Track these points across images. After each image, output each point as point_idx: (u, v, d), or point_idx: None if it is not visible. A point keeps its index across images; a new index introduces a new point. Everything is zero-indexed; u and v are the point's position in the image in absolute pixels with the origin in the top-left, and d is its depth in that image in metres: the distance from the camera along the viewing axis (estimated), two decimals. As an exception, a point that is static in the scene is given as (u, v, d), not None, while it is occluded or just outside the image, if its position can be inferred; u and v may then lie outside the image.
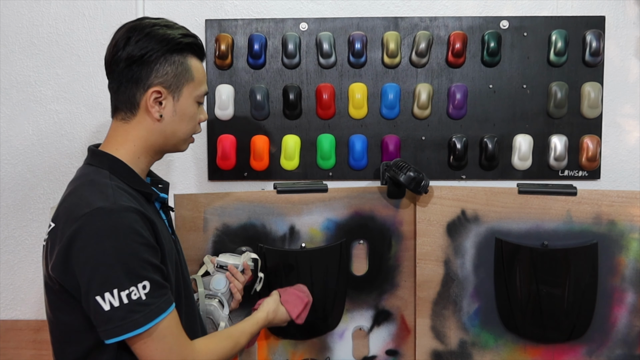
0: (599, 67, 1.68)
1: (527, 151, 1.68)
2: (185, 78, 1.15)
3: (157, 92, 1.13)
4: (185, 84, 1.16)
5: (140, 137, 1.15)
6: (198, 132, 1.23)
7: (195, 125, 1.21)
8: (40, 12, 1.69)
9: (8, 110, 1.71)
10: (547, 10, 1.69)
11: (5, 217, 1.73)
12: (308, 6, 1.70)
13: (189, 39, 1.16)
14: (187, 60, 1.16)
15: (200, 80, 1.19)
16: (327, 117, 1.70)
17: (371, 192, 1.62)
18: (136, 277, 1.02)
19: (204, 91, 1.20)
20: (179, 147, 1.22)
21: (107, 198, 1.05)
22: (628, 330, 1.57)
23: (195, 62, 1.18)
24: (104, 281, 1.00)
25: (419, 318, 1.62)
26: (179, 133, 1.18)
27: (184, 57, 1.15)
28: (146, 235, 1.05)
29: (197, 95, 1.18)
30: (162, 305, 1.04)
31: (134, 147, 1.16)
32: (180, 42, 1.14)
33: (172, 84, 1.14)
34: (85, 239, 1.01)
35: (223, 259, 1.43)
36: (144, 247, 1.04)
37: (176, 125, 1.17)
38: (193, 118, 1.19)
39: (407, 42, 1.69)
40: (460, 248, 1.60)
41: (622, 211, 1.56)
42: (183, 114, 1.17)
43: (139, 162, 1.16)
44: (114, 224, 1.02)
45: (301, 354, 1.63)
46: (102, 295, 1.00)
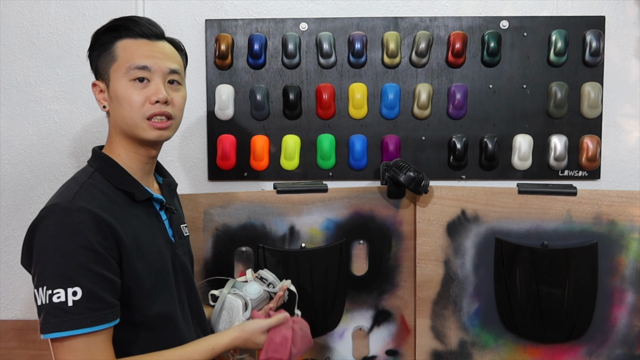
0: (599, 67, 1.68)
1: (527, 151, 1.68)
2: (109, 61, 1.13)
3: (94, 85, 1.17)
4: (110, 67, 1.13)
5: (111, 132, 1.18)
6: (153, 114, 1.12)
7: (137, 106, 1.12)
8: (40, 12, 1.69)
9: (8, 110, 1.71)
10: (547, 10, 1.69)
11: (5, 217, 1.73)
12: (308, 6, 1.70)
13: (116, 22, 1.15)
14: (114, 45, 1.14)
15: (127, 57, 1.12)
16: (327, 117, 1.70)
17: (371, 192, 1.62)
18: (66, 280, 0.99)
19: (133, 65, 1.11)
20: (138, 134, 1.13)
21: (66, 196, 1.05)
22: (628, 330, 1.57)
23: (124, 42, 1.14)
24: (39, 276, 1.01)
25: (419, 318, 1.62)
26: (124, 118, 1.13)
27: (111, 43, 1.14)
28: (93, 239, 1.01)
29: (124, 73, 1.12)
30: (86, 320, 0.99)
31: (113, 144, 1.17)
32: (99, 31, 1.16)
33: (102, 72, 1.15)
34: (38, 233, 1.03)
35: (266, 273, 1.44)
36: (86, 252, 1.00)
37: (117, 111, 1.13)
38: (128, 99, 1.11)
39: (407, 42, 1.69)
40: (460, 248, 1.60)
41: (622, 211, 1.56)
42: (117, 98, 1.12)
43: (122, 158, 1.16)
44: (61, 223, 1.01)
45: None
46: (37, 289, 1.01)
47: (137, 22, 1.15)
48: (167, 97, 1.13)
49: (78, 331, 0.99)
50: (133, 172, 1.16)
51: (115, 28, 1.15)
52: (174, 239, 1.21)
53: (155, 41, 1.16)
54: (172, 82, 1.16)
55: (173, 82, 1.16)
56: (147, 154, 1.18)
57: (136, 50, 1.13)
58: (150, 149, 1.18)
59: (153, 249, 1.12)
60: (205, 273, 1.58)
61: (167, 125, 1.15)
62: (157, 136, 1.14)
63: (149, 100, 1.12)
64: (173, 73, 1.16)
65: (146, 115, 1.12)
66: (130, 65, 1.11)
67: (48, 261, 1.00)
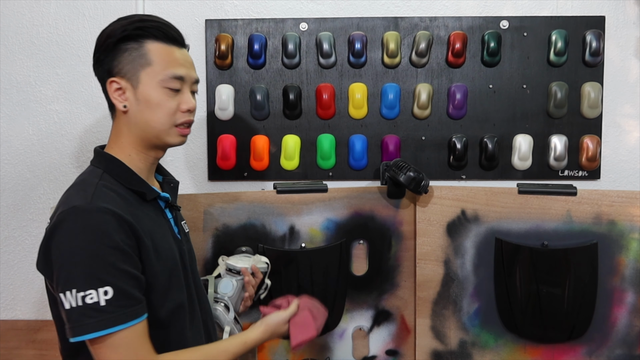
0: (599, 67, 1.68)
1: (527, 151, 1.68)
2: (141, 63, 1.11)
3: (113, 82, 1.12)
4: (141, 70, 1.11)
5: (123, 133, 1.15)
6: (183, 122, 1.15)
7: (169, 113, 1.13)
8: (40, 12, 1.69)
9: (8, 110, 1.71)
10: (547, 10, 1.69)
11: (5, 217, 1.73)
12: (308, 6, 1.70)
13: (139, 23, 1.12)
14: (144, 45, 1.12)
15: (163, 64, 1.12)
16: (327, 117, 1.70)
17: (371, 192, 1.62)
18: (97, 280, 1.00)
19: (171, 75, 1.13)
20: (164, 139, 1.15)
21: (85, 197, 1.05)
22: (628, 330, 1.57)
23: (156, 45, 1.12)
24: (66, 279, 1.01)
25: (419, 318, 1.62)
26: (151, 123, 1.13)
27: (139, 43, 1.11)
28: (118, 238, 1.02)
29: (160, 80, 1.12)
30: (120, 317, 1.01)
31: (123, 144, 1.16)
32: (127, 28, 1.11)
33: (127, 72, 1.12)
34: (59, 236, 1.02)
35: (232, 261, 1.40)
36: (113, 251, 1.02)
37: (145, 114, 1.12)
38: (162, 105, 1.12)
39: (407, 42, 1.69)
40: (460, 248, 1.60)
41: (622, 211, 1.56)
42: (147, 102, 1.12)
43: (131, 159, 1.15)
44: (85, 224, 1.02)
45: (301, 354, 1.63)
46: (64, 293, 1.00)
47: (168, 26, 1.15)
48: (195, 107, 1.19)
49: (115, 328, 1.00)
50: (140, 172, 1.17)
51: (143, 27, 1.12)
52: (180, 236, 1.22)
53: (182, 48, 1.18)
54: (193, 92, 1.20)
55: (194, 92, 1.20)
56: (156, 156, 1.19)
57: (172, 59, 1.14)
58: (161, 151, 1.20)
59: (165, 246, 1.13)
60: (205, 273, 1.57)
61: (189, 132, 1.19)
62: (181, 142, 1.18)
63: (180, 108, 1.14)
64: (196, 83, 1.20)
65: (176, 123, 1.15)
66: (168, 74, 1.12)
67: (75, 263, 1.01)
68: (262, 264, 1.42)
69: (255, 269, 1.39)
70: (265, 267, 1.43)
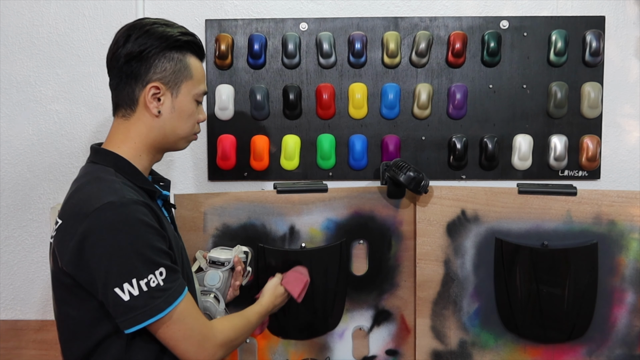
0: (599, 67, 1.68)
1: (527, 151, 1.68)
2: (184, 75, 1.17)
3: (155, 87, 1.14)
4: (184, 81, 1.17)
5: (140, 134, 1.17)
6: (197, 132, 1.25)
7: (194, 124, 1.22)
8: (40, 12, 1.69)
9: (8, 110, 1.71)
10: (547, 10, 1.69)
11: (5, 217, 1.73)
12: (308, 6, 1.70)
13: (188, 37, 1.18)
14: (186, 58, 1.18)
15: (199, 79, 1.21)
16: (327, 117, 1.70)
17: (371, 192, 1.62)
18: (153, 264, 1.05)
19: (203, 90, 1.22)
20: (179, 145, 1.23)
21: (115, 193, 1.07)
22: (628, 330, 1.58)
23: (194, 60, 1.20)
24: (122, 272, 1.03)
25: (419, 318, 1.62)
26: (178, 130, 1.19)
27: (183, 55, 1.17)
28: (155, 225, 1.08)
29: (195, 93, 1.20)
30: (178, 288, 1.07)
31: (135, 145, 1.17)
32: (179, 39, 1.16)
33: (170, 81, 1.16)
34: (99, 233, 1.03)
35: (215, 254, 1.45)
36: (155, 236, 1.07)
37: (175, 122, 1.18)
38: (192, 116, 1.20)
39: (407, 42, 1.69)
40: (460, 248, 1.60)
41: (622, 211, 1.56)
42: (181, 111, 1.18)
43: (140, 159, 1.18)
44: (125, 217, 1.05)
45: (301, 354, 1.63)
46: (121, 286, 1.02)
47: (200, 44, 1.22)
48: None
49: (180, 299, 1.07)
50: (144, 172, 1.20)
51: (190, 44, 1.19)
52: (177, 233, 1.26)
53: None
54: None
55: None
56: (159, 158, 1.24)
57: (203, 75, 1.23)
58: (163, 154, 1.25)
59: (175, 242, 1.17)
60: (205, 273, 1.58)
61: None
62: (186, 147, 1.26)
63: (199, 119, 1.24)
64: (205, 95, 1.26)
65: (194, 132, 1.24)
66: (201, 89, 1.21)
67: (128, 255, 1.03)
68: (241, 253, 1.47)
69: (238, 259, 1.44)
70: (245, 256, 1.48)
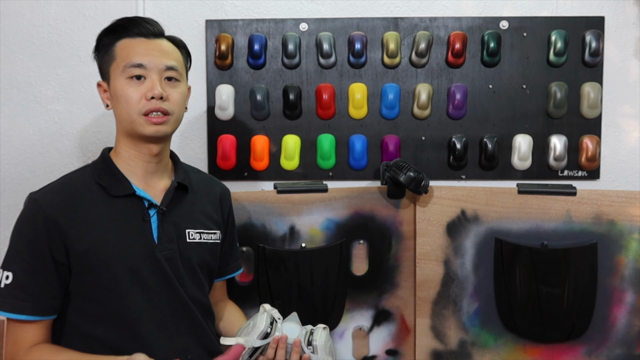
0: (599, 67, 1.68)
1: (526, 151, 1.68)
2: (108, 61, 1.18)
3: (99, 85, 1.22)
4: (110, 67, 1.18)
5: (116, 130, 1.22)
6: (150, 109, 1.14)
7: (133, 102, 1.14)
8: (41, 12, 1.69)
9: (8, 110, 1.71)
10: (547, 10, 1.69)
11: (5, 217, 1.73)
12: (308, 6, 1.70)
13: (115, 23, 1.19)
14: (113, 44, 1.18)
15: (123, 56, 1.15)
16: (327, 117, 1.70)
17: (371, 192, 1.63)
18: (6, 264, 1.11)
19: (129, 64, 1.14)
20: (137, 129, 1.15)
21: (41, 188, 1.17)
22: (627, 330, 1.58)
23: (123, 41, 1.18)
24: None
25: (419, 318, 1.62)
26: (123, 115, 1.17)
27: (111, 44, 1.18)
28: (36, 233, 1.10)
29: (121, 71, 1.15)
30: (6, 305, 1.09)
31: (116, 141, 1.22)
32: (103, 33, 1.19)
33: (104, 72, 1.19)
34: None
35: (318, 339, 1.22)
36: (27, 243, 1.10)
37: (117, 108, 1.17)
38: (125, 96, 1.14)
39: (407, 42, 1.69)
40: (460, 248, 1.60)
41: (621, 211, 1.56)
42: (116, 95, 1.16)
43: (122, 156, 1.20)
44: (22, 212, 1.15)
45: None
46: None
47: (136, 22, 1.18)
48: (162, 93, 1.15)
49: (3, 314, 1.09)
50: (133, 170, 1.19)
51: (115, 29, 1.18)
52: (159, 240, 1.18)
53: (152, 39, 1.19)
54: (169, 79, 1.18)
55: (171, 78, 1.18)
56: (148, 152, 1.19)
57: (133, 49, 1.16)
58: (150, 145, 1.19)
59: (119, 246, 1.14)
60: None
61: (163, 120, 1.16)
62: (154, 131, 1.15)
63: (145, 96, 1.14)
64: (170, 70, 1.18)
65: (142, 112, 1.14)
66: (126, 63, 1.14)
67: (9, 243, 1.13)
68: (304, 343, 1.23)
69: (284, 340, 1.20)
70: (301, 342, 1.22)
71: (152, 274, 1.16)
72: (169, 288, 1.18)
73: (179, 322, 1.20)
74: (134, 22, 1.18)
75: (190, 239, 1.24)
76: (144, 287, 1.15)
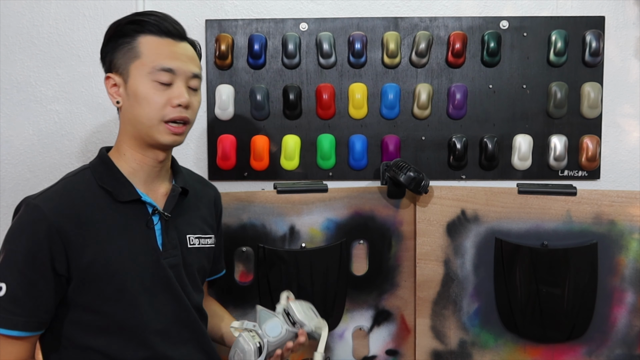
0: (599, 67, 1.68)
1: (527, 151, 1.68)
2: (130, 57, 1.10)
3: (107, 77, 1.13)
4: (131, 63, 1.09)
5: (121, 131, 1.15)
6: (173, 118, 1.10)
7: (158, 108, 1.09)
8: (41, 12, 1.69)
9: (8, 110, 1.71)
10: (547, 10, 1.69)
11: (6, 217, 1.72)
12: (308, 6, 1.70)
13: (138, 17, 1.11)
14: (136, 40, 1.10)
15: (152, 57, 1.09)
16: (327, 117, 1.70)
17: (371, 192, 1.62)
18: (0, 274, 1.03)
19: (159, 67, 1.09)
20: (153, 136, 1.10)
21: (40, 193, 1.09)
22: (628, 330, 1.58)
23: (148, 38, 1.10)
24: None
25: (419, 318, 1.62)
26: (139, 117, 1.09)
27: (133, 38, 1.10)
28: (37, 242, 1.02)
29: (148, 72, 1.08)
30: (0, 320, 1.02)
31: (120, 143, 1.15)
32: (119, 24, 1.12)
33: (120, 67, 1.11)
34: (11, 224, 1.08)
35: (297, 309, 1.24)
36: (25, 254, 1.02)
37: (134, 109, 1.09)
38: (149, 99, 1.08)
39: (407, 42, 1.69)
40: (460, 248, 1.60)
41: (621, 211, 1.56)
42: (135, 96, 1.09)
43: (126, 158, 1.13)
44: (19, 218, 1.06)
45: (301, 354, 1.63)
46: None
47: (162, 18, 1.12)
48: (189, 102, 1.11)
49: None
50: (135, 173, 1.13)
51: (138, 22, 1.11)
52: (164, 247, 1.14)
53: (179, 42, 1.13)
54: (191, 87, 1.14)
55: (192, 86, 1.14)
56: (154, 157, 1.15)
57: (162, 50, 1.10)
58: (159, 152, 1.14)
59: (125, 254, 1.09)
60: (206, 273, 1.58)
61: (182, 130, 1.12)
62: (172, 141, 1.12)
63: (171, 103, 1.09)
64: (195, 77, 1.14)
65: (165, 118, 1.09)
66: (155, 65, 1.08)
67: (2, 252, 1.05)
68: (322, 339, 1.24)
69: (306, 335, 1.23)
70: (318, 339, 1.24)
71: (157, 281, 1.12)
72: (173, 295, 1.15)
73: (182, 329, 1.17)
74: (160, 18, 1.11)
75: (191, 244, 1.21)
76: (149, 296, 1.11)
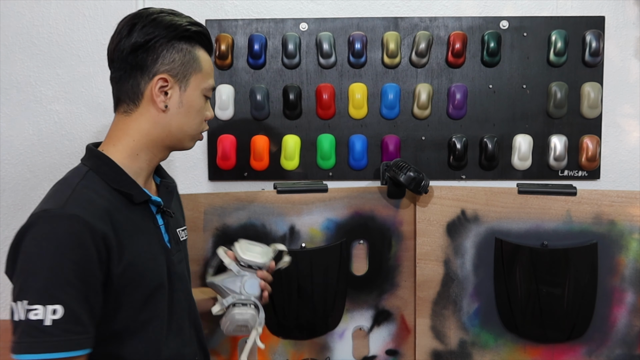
0: (599, 67, 1.68)
1: (526, 151, 1.68)
2: (193, 67, 1.10)
3: (162, 79, 1.07)
4: (192, 74, 1.10)
5: (141, 130, 1.09)
6: (205, 130, 1.18)
7: (202, 121, 1.14)
8: (41, 12, 1.69)
9: (8, 110, 1.71)
10: (547, 10, 1.69)
11: (5, 217, 1.73)
12: (308, 6, 1.70)
13: (197, 27, 1.11)
14: (195, 50, 1.10)
15: (208, 73, 1.13)
16: (327, 117, 1.70)
17: (371, 192, 1.62)
18: (48, 296, 0.91)
19: (212, 85, 1.14)
20: (185, 143, 1.14)
21: (59, 200, 0.97)
22: (628, 330, 1.58)
23: (203, 53, 1.13)
24: (21, 288, 0.93)
25: (419, 318, 1.62)
26: (185, 127, 1.11)
27: (192, 46, 1.10)
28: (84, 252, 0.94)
29: (204, 87, 1.12)
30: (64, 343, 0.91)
31: (133, 143, 1.09)
32: (188, 29, 1.09)
33: (179, 73, 1.08)
34: (27, 241, 0.95)
35: (250, 257, 1.26)
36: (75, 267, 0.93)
37: (182, 118, 1.10)
38: (200, 112, 1.12)
39: (407, 42, 1.69)
40: (460, 248, 1.60)
41: (621, 211, 1.56)
42: (190, 106, 1.10)
43: (137, 159, 1.09)
44: (50, 232, 0.94)
45: (301, 354, 1.63)
46: (16, 302, 0.92)
47: (209, 37, 1.16)
48: None
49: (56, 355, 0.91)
50: (136, 173, 1.10)
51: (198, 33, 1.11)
52: (170, 244, 1.14)
53: None
54: None
55: None
56: (162, 157, 1.15)
57: (212, 69, 1.16)
58: (168, 153, 1.16)
59: (148, 256, 1.06)
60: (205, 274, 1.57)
61: None
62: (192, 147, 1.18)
63: (206, 117, 1.16)
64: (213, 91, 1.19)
65: (201, 130, 1.16)
66: (210, 83, 1.14)
67: (34, 272, 0.92)
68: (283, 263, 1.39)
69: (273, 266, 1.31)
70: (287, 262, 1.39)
71: (170, 280, 1.11)
72: (183, 292, 1.16)
73: (190, 326, 1.17)
74: (209, 36, 1.15)
75: (182, 238, 1.22)
76: (167, 295, 1.10)
